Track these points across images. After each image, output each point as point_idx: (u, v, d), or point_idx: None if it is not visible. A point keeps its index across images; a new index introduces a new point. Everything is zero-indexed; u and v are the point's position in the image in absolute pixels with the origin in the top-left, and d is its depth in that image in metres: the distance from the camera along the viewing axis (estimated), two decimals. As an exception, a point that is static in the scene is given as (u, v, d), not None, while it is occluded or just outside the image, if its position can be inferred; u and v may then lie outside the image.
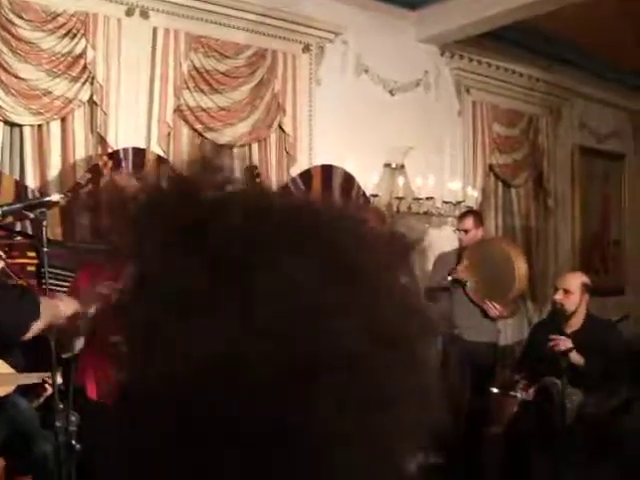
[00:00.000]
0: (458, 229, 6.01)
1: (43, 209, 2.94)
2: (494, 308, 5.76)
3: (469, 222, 5.93)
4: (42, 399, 3.88)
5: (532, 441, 4.80)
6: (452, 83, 7.34)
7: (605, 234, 8.91)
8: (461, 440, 5.36)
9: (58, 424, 2.95)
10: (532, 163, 8.01)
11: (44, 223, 2.94)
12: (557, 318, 5.07)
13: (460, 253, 5.93)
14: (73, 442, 2.95)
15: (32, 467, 3.64)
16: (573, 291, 5.05)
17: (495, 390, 5.14)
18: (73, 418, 2.97)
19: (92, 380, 3.55)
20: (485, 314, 5.78)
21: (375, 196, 6.37)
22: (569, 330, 4.98)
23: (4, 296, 2.57)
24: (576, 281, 5.11)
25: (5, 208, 2.98)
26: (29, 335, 2.58)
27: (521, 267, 5.86)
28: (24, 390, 3.89)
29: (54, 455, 3.25)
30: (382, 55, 6.70)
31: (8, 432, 3.69)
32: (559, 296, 5.09)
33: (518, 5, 6.22)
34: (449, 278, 5.55)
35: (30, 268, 4.84)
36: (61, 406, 2.98)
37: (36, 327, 2.57)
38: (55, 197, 3.28)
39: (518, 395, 4.96)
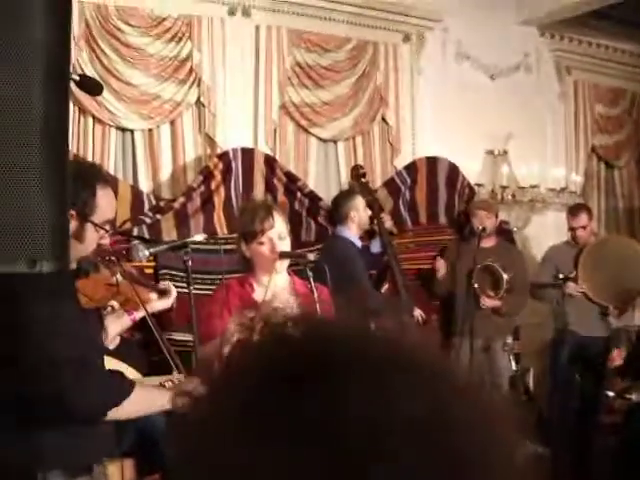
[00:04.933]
0: (573, 227, 5.68)
1: (188, 249, 2.96)
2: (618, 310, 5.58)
3: (584, 218, 5.66)
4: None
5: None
6: (552, 64, 7.14)
7: None
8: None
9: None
10: (635, 143, 7.75)
11: (189, 263, 2.95)
12: None
13: (578, 251, 5.67)
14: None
15: (160, 466, 3.72)
16: None
17: (611, 394, 4.96)
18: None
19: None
20: (603, 312, 5.61)
21: (480, 185, 6.26)
22: None
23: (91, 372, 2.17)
24: None
25: (152, 250, 3.02)
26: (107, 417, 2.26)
27: None
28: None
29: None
30: (482, 40, 6.54)
31: (137, 435, 3.79)
32: None
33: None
34: (560, 276, 5.39)
35: (148, 271, 4.94)
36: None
37: (117, 414, 2.26)
38: (198, 237, 3.32)
39: (633, 397, 4.81)
